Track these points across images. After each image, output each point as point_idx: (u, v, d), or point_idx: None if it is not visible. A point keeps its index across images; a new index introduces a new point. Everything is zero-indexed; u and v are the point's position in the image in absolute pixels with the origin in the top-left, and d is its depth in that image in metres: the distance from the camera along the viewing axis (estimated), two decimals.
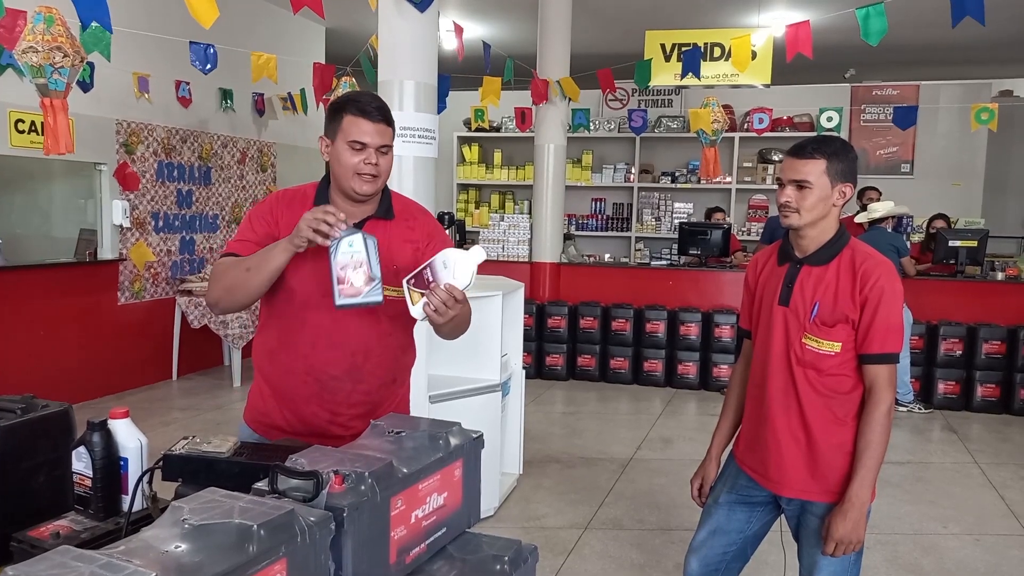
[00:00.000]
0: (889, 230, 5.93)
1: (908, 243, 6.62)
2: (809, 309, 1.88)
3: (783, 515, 2.06)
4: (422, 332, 3.26)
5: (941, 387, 5.93)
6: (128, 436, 1.54)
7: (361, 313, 1.83)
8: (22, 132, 5.07)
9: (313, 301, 1.84)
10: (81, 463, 1.50)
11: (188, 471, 1.41)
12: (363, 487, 1.12)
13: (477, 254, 1.67)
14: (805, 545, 1.97)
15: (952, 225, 6.81)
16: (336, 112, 1.85)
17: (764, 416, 1.98)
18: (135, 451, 1.53)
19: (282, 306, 1.91)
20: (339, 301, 1.66)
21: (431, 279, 1.66)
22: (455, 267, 1.65)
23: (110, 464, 1.50)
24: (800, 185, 1.87)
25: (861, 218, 5.91)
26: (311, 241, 1.68)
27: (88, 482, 1.49)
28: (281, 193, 1.98)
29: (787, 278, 1.94)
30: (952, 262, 6.18)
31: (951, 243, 6.17)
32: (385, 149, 1.84)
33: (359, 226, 1.88)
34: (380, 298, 1.67)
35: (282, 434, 1.91)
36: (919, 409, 5.83)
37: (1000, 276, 6.26)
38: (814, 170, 1.86)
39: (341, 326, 1.86)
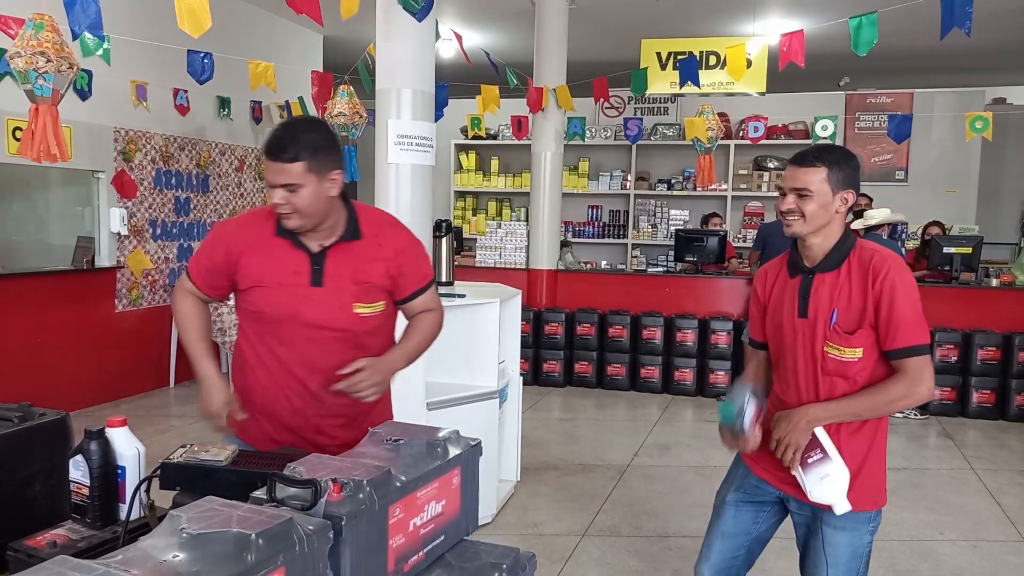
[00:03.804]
0: (885, 237, 5.96)
1: (903, 250, 6.65)
2: (828, 317, 1.88)
3: (789, 521, 2.05)
4: None
5: (937, 393, 5.94)
6: (126, 444, 1.54)
7: (335, 331, 1.86)
8: (20, 140, 5.07)
9: (284, 320, 1.85)
10: (79, 472, 1.50)
11: (186, 479, 1.40)
12: (361, 495, 1.12)
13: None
14: (811, 553, 1.97)
15: (947, 232, 6.84)
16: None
17: None
18: (133, 459, 1.53)
19: (254, 326, 1.92)
20: None
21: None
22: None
23: (107, 473, 1.50)
24: (801, 193, 1.89)
25: (857, 225, 5.93)
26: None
27: (86, 491, 1.49)
28: (245, 218, 1.98)
29: (802, 289, 1.94)
30: (947, 269, 6.21)
31: (946, 250, 6.19)
32: (292, 188, 1.75)
33: (325, 248, 1.87)
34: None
35: (271, 441, 1.91)
36: (915, 415, 5.84)
37: (995, 282, 6.29)
38: (815, 178, 1.88)
39: (316, 345, 1.86)
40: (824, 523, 1.93)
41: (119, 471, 1.51)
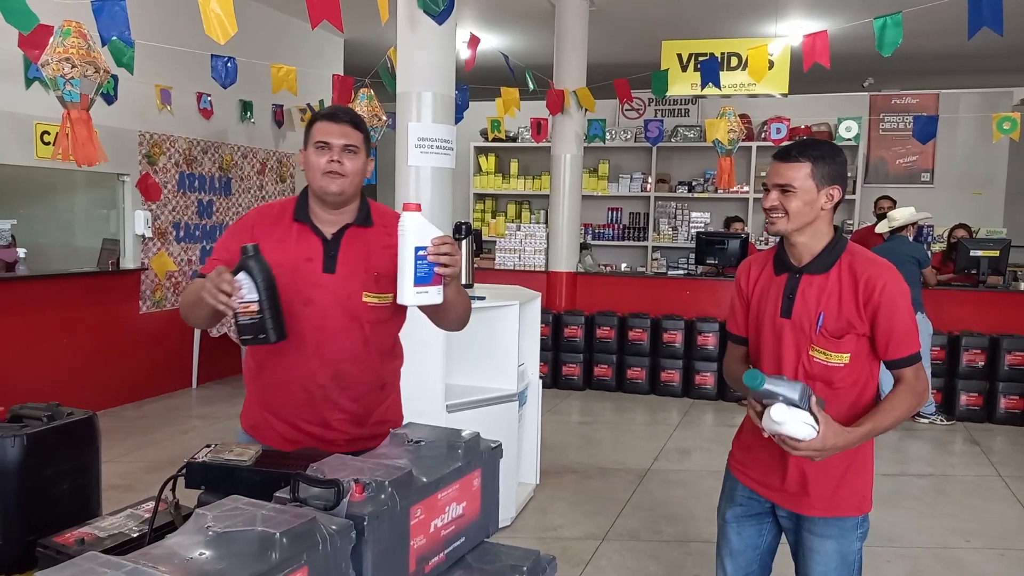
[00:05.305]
0: (910, 239, 5.86)
1: (929, 253, 6.55)
2: (814, 320, 1.83)
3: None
4: (439, 341, 3.28)
5: (963, 399, 5.84)
6: (425, 227, 1.67)
7: (344, 320, 1.89)
8: (48, 144, 5.16)
9: (295, 310, 1.84)
10: (243, 289, 1.60)
11: (210, 479, 1.42)
12: (383, 496, 1.12)
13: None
14: (802, 562, 1.94)
15: (973, 235, 6.73)
16: (309, 124, 1.94)
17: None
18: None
19: None
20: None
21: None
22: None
23: (272, 287, 1.62)
24: (784, 189, 1.84)
25: (882, 227, 5.85)
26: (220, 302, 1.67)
27: (255, 307, 1.60)
28: (262, 208, 2.03)
29: (787, 289, 1.89)
30: (974, 272, 6.11)
31: (973, 253, 6.10)
32: (353, 149, 1.88)
33: (340, 234, 1.92)
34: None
35: (281, 439, 1.93)
36: (941, 421, 5.75)
37: (1022, 286, 6.18)
38: (798, 174, 1.83)
39: (325, 335, 1.89)
40: (807, 531, 1.89)
41: (419, 249, 1.65)
